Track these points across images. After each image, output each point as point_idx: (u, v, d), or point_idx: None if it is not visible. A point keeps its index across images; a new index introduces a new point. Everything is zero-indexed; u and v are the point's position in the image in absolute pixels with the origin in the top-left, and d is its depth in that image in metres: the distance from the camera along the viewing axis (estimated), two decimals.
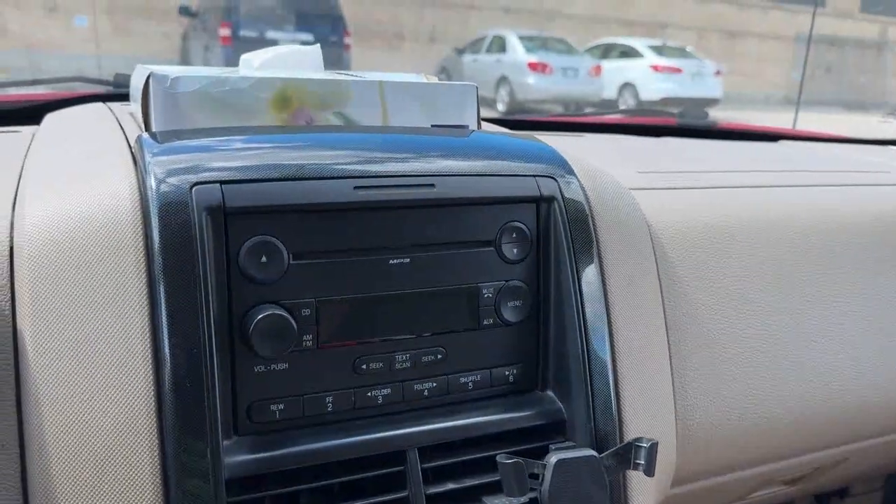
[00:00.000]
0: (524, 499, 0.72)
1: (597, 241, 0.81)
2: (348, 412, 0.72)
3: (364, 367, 0.72)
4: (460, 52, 13.82)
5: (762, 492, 1.16)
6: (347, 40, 10.98)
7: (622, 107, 13.11)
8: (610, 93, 13.50)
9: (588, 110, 12.28)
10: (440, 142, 0.81)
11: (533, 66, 12.84)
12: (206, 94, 0.78)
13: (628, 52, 14.01)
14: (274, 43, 10.02)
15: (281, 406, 0.69)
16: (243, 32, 10.54)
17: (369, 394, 0.73)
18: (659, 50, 14.03)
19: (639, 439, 0.72)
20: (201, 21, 11.19)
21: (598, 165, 0.90)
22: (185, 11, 11.31)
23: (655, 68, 13.48)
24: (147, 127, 0.78)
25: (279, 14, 10.78)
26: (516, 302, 0.77)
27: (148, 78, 0.77)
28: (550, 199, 0.78)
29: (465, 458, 0.75)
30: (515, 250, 0.77)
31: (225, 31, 10.55)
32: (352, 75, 0.89)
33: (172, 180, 0.66)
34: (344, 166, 0.72)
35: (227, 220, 0.66)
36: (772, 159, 1.38)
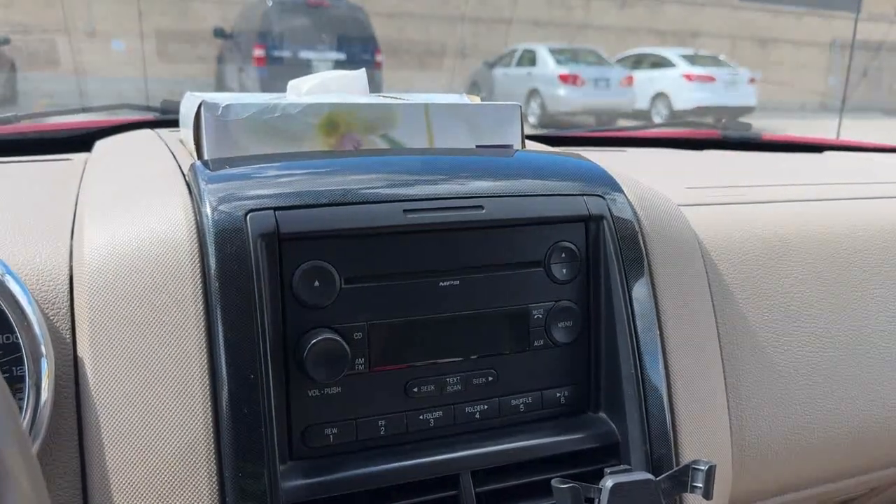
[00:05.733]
0: None
1: (647, 260, 0.80)
2: (401, 436, 0.72)
3: (415, 389, 0.72)
4: (491, 65, 13.85)
5: None
6: (379, 58, 11.06)
7: (655, 117, 13.02)
8: (642, 103, 13.41)
9: (621, 121, 12.21)
10: (487, 163, 0.81)
11: (564, 78, 12.81)
12: (256, 121, 0.79)
13: (660, 62, 13.92)
14: (307, 63, 10.14)
15: (335, 430, 0.70)
16: (276, 53, 10.68)
17: (421, 417, 0.73)
18: (691, 59, 13.91)
19: (696, 462, 0.70)
20: (235, 43, 11.37)
21: (646, 182, 0.89)
22: (219, 33, 11.50)
23: (688, 77, 13.37)
24: (199, 154, 0.79)
25: (312, 34, 10.91)
26: (567, 322, 0.77)
27: (200, 106, 0.78)
28: (599, 218, 0.78)
29: (518, 481, 0.74)
30: (565, 270, 0.77)
31: (259, 52, 10.69)
32: (397, 98, 0.90)
33: (227, 208, 0.67)
34: (393, 190, 0.72)
35: (280, 246, 0.67)
36: (820, 171, 1.36)
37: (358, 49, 10.87)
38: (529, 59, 13.45)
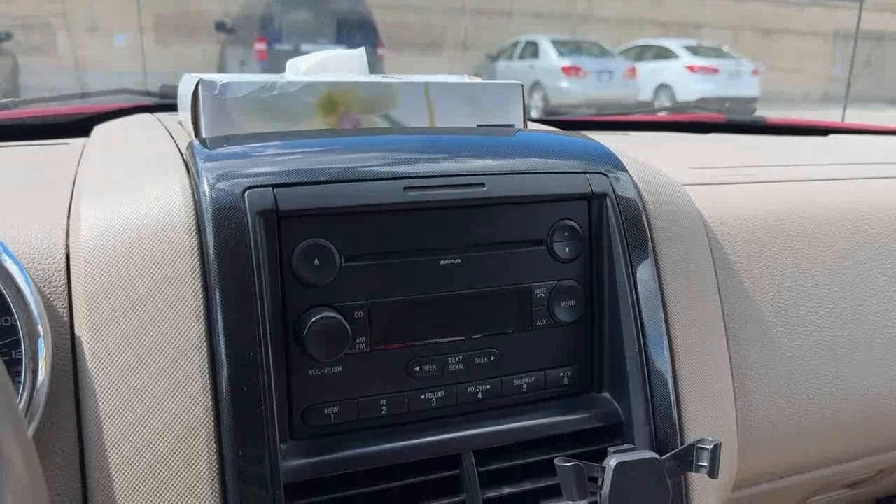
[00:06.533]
0: (583, 503, 0.70)
1: (651, 238, 0.79)
2: (402, 415, 0.71)
3: (417, 369, 0.71)
4: (493, 58, 13.81)
5: (822, 495, 1.13)
6: (381, 51, 11.03)
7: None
8: (646, 95, 13.37)
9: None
10: (488, 141, 0.80)
11: (566, 71, 12.77)
12: (254, 100, 0.78)
13: (663, 54, 13.87)
14: None
15: (335, 409, 0.69)
16: (278, 46, 10.65)
17: (423, 396, 0.72)
18: (694, 50, 13.86)
19: (701, 440, 0.70)
20: (237, 37, 11.35)
21: (650, 162, 0.88)
22: (220, 27, 11.47)
23: (691, 69, 13.32)
24: (197, 133, 0.79)
25: (314, 27, 10.89)
26: (570, 302, 0.76)
27: (197, 85, 0.77)
28: (602, 196, 0.77)
29: (521, 461, 0.73)
30: (567, 249, 0.76)
31: (260, 46, 10.67)
32: (397, 78, 0.89)
33: (225, 185, 0.66)
34: (393, 167, 0.71)
35: (279, 223, 0.66)
36: (825, 153, 1.35)
37: (360, 42, 10.83)
38: (532, 51, 13.41)
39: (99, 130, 1.07)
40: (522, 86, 0.90)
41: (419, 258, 0.71)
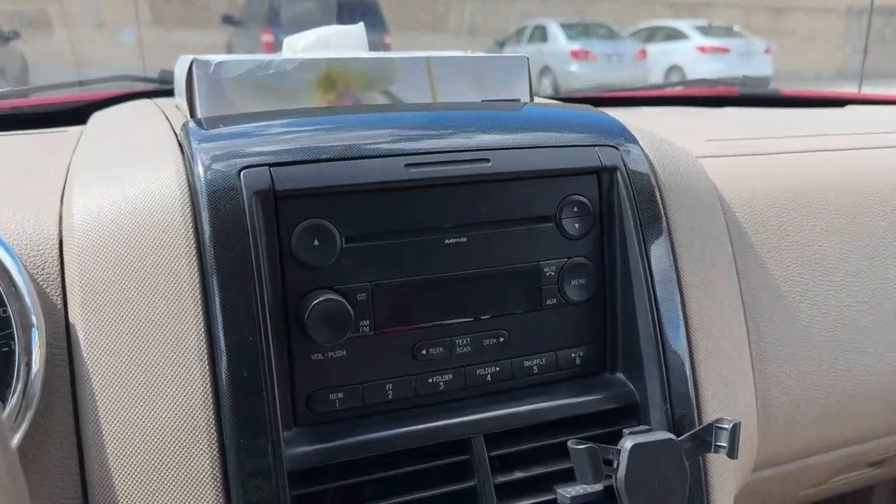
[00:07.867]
0: (598, 486, 0.68)
1: (664, 213, 0.76)
2: (409, 400, 0.69)
3: (424, 352, 0.69)
4: (501, 44, 13.72)
5: (844, 475, 1.10)
6: (388, 40, 10.98)
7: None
8: (656, 77, 13.24)
9: None
10: (492, 115, 0.78)
11: (575, 54, 12.67)
12: (250, 79, 0.76)
13: (674, 35, 13.72)
14: None
15: (340, 395, 0.67)
16: (285, 38, 10.63)
17: (430, 380, 0.70)
18: (705, 30, 13.71)
19: (720, 420, 0.67)
20: (244, 29, 11.33)
21: (663, 134, 0.85)
22: (227, 20, 11.45)
23: (702, 49, 13.18)
24: (192, 114, 0.77)
25: (320, 17, 10.84)
26: (580, 280, 0.73)
27: (191, 65, 0.75)
28: (612, 170, 0.74)
29: (533, 445, 0.71)
30: (577, 225, 0.73)
31: (267, 38, 10.64)
32: (397, 53, 0.86)
33: (220, 165, 0.64)
34: (394, 144, 0.69)
35: (277, 204, 0.64)
36: (842, 123, 1.31)
37: (366, 31, 10.77)
38: (540, 35, 13.30)
39: (96, 118, 1.05)
40: (528, 59, 0.88)
41: (423, 237, 0.69)
